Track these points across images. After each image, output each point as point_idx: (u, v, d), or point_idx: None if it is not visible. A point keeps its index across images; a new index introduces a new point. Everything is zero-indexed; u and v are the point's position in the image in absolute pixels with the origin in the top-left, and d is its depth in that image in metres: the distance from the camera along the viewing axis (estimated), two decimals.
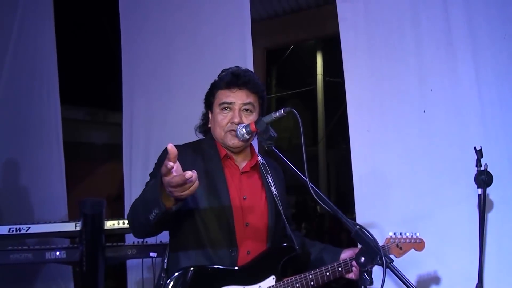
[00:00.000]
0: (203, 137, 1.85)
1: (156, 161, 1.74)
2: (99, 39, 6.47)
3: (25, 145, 3.61)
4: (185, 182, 1.27)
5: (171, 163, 1.26)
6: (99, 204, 2.72)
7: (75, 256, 2.64)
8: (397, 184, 2.54)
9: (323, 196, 1.45)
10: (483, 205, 2.05)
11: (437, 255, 2.29)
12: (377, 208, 2.58)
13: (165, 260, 1.72)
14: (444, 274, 2.33)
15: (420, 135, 2.50)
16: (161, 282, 1.66)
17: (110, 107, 6.94)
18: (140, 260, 2.87)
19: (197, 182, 1.31)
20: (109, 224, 2.80)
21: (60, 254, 2.64)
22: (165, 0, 3.53)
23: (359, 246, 1.40)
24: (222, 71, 1.80)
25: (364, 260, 1.33)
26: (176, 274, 1.59)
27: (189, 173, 1.25)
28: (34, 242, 3.01)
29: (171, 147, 1.26)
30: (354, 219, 2.57)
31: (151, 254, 2.71)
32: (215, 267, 1.62)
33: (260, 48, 5.29)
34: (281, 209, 1.74)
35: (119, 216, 2.92)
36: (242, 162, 1.78)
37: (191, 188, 1.30)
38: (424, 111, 2.48)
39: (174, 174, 1.29)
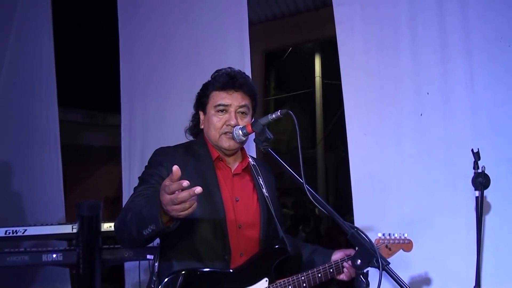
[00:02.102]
0: (193, 139, 1.84)
1: (146, 164, 1.72)
2: (97, 41, 6.49)
3: (23, 147, 3.59)
4: (191, 197, 1.23)
5: (187, 182, 1.22)
6: (96, 206, 2.70)
7: (72, 258, 2.61)
8: (395, 187, 2.54)
9: (319, 198, 1.44)
10: (481, 207, 2.04)
11: (435, 257, 2.30)
12: (375, 210, 2.58)
13: (156, 264, 1.68)
14: (442, 277, 2.33)
15: (417, 138, 2.50)
16: (153, 286, 1.64)
17: (109, 109, 6.92)
18: (137, 262, 2.86)
19: (196, 203, 1.28)
20: (106, 226, 2.78)
21: (56, 256, 2.63)
22: (163, 3, 3.53)
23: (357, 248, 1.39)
24: (215, 72, 1.79)
25: (361, 262, 1.32)
26: (167, 278, 1.56)
27: (198, 188, 1.23)
28: (31, 244, 3.00)
29: (176, 169, 1.22)
30: (353, 222, 2.57)
31: (148, 256, 2.69)
32: (207, 270, 1.60)
33: (259, 51, 5.29)
34: (272, 210, 1.73)
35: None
36: (233, 164, 1.76)
37: (190, 209, 1.27)
38: (421, 115, 2.49)
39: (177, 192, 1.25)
